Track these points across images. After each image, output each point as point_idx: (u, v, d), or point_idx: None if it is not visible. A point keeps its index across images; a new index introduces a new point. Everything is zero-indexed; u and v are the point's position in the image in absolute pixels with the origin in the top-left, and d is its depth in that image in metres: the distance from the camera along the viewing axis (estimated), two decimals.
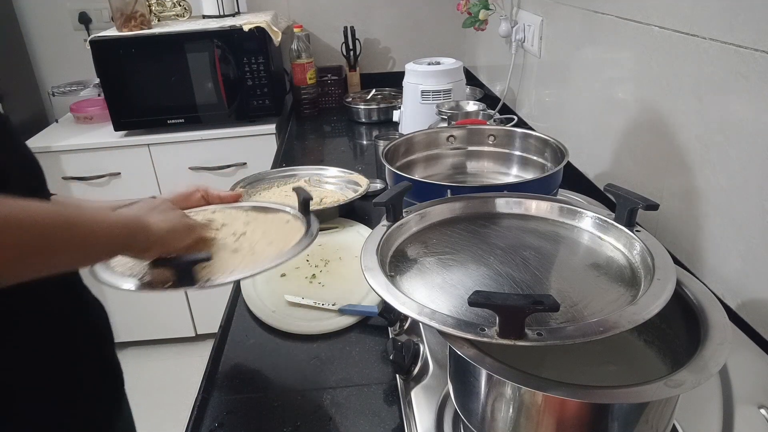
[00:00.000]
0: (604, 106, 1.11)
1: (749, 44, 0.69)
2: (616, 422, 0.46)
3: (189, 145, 1.96)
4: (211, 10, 2.01)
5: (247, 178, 1.34)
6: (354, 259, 1.04)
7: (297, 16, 2.27)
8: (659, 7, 0.89)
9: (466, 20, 1.66)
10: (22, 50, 2.24)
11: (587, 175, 1.20)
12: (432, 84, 1.44)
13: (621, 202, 0.62)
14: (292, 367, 0.80)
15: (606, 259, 0.61)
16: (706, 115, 0.79)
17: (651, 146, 0.94)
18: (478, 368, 0.46)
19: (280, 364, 0.82)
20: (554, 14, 1.34)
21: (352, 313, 0.89)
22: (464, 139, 1.09)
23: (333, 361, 0.81)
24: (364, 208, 1.26)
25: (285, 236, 0.77)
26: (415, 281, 0.57)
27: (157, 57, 1.85)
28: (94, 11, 2.23)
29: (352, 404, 0.73)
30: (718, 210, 0.78)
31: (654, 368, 0.57)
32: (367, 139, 1.85)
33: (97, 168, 1.96)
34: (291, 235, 0.77)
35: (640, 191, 0.62)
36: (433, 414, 0.63)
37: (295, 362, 0.81)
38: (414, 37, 2.35)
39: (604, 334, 0.45)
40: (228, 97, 1.92)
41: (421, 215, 0.69)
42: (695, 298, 0.53)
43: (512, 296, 0.45)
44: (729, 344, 0.46)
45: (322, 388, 0.76)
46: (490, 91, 1.94)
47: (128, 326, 2.22)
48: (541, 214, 0.70)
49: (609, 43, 1.07)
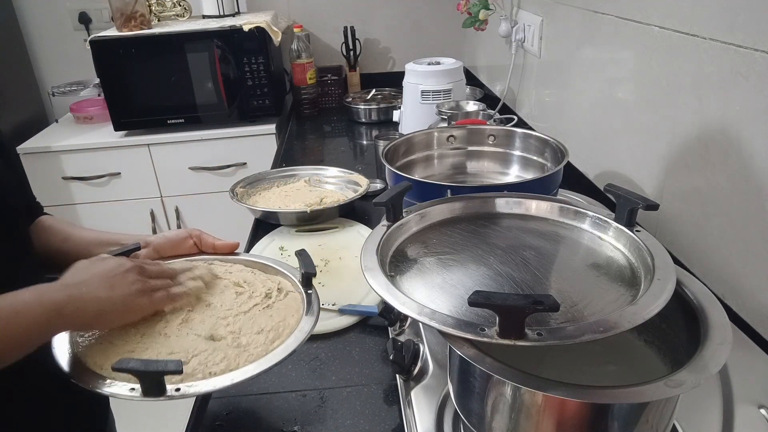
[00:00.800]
0: (604, 106, 1.11)
1: (749, 44, 0.69)
2: (616, 422, 0.46)
3: (189, 145, 1.96)
4: (211, 10, 2.01)
5: (247, 178, 1.34)
6: (354, 259, 1.04)
7: (297, 16, 2.27)
8: (659, 7, 0.89)
9: (466, 20, 1.66)
10: (22, 50, 2.24)
11: (587, 175, 1.20)
12: (432, 84, 1.44)
13: (621, 202, 0.62)
14: (292, 367, 0.80)
15: (606, 259, 0.61)
16: (706, 115, 0.79)
17: (651, 146, 0.94)
18: (478, 368, 0.46)
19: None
20: (554, 14, 1.34)
21: (352, 313, 0.89)
22: (464, 139, 1.09)
23: (333, 361, 0.81)
24: (364, 208, 1.26)
25: (279, 319, 0.66)
26: (415, 281, 0.57)
27: (157, 57, 1.85)
28: (94, 11, 2.23)
29: (352, 404, 0.73)
30: (718, 210, 0.78)
31: (654, 368, 0.57)
32: (367, 139, 1.85)
33: (97, 168, 1.96)
34: (286, 318, 0.66)
35: (640, 191, 0.62)
36: (433, 414, 0.63)
37: (295, 362, 0.81)
38: (414, 37, 2.35)
39: (604, 334, 0.45)
40: (228, 97, 1.92)
41: (421, 215, 0.69)
42: (695, 298, 0.53)
43: (512, 296, 0.45)
44: (729, 344, 0.46)
45: (322, 388, 0.76)
46: (490, 91, 1.94)
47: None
48: (541, 214, 0.70)
49: (609, 43, 1.07)
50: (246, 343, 0.62)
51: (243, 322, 0.64)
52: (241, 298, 0.69)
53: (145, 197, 2.03)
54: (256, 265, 0.78)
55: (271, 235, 1.17)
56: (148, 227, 2.05)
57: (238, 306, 0.67)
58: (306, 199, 1.22)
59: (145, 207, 2.04)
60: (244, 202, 1.23)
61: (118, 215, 2.04)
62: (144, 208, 2.04)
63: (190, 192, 2.03)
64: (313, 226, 1.18)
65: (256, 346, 0.61)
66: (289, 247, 1.11)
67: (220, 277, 0.74)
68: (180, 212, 2.06)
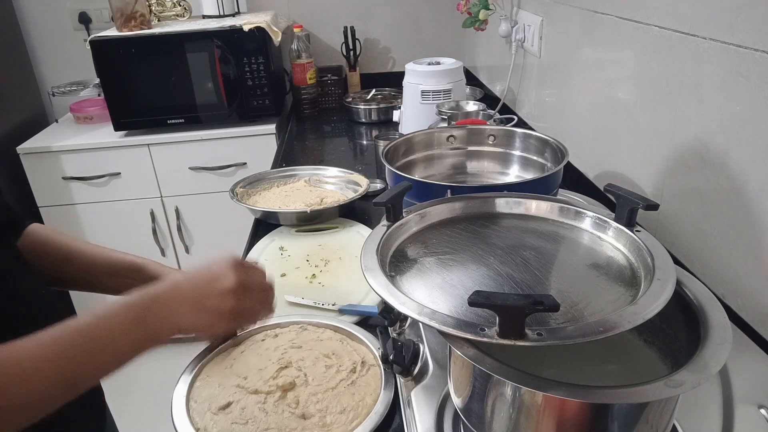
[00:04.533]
0: (604, 106, 1.11)
1: (749, 44, 0.69)
2: (616, 422, 0.46)
3: (189, 145, 1.96)
4: (211, 10, 2.01)
5: (247, 178, 1.34)
6: (354, 259, 1.04)
7: (297, 16, 2.27)
8: (659, 7, 0.89)
9: (466, 20, 1.66)
10: (22, 50, 2.24)
11: (587, 175, 1.20)
12: (432, 84, 1.44)
13: (621, 202, 0.62)
14: None
15: (606, 259, 0.61)
16: (706, 115, 0.79)
17: (651, 146, 0.94)
18: (478, 368, 0.46)
19: None
20: (554, 14, 1.34)
21: (352, 313, 0.89)
22: (464, 139, 1.09)
23: None
24: (364, 208, 1.26)
25: (359, 399, 0.69)
26: (415, 281, 0.57)
27: (157, 57, 1.85)
28: (94, 11, 2.23)
29: None
30: (718, 210, 0.78)
31: (654, 368, 0.57)
32: (367, 139, 1.85)
33: (97, 168, 1.96)
34: (365, 397, 0.69)
35: (640, 191, 0.62)
36: (433, 414, 0.63)
37: None
38: (414, 37, 2.35)
39: (604, 334, 0.45)
40: (228, 97, 1.92)
41: (421, 215, 0.69)
42: (695, 298, 0.53)
43: (512, 296, 0.45)
44: (729, 344, 0.46)
45: None
46: (490, 91, 1.94)
47: None
48: (541, 214, 0.70)
49: (609, 43, 1.07)
50: (330, 422, 0.66)
51: (329, 400, 0.69)
52: (330, 372, 0.74)
53: (145, 197, 2.03)
54: (343, 331, 0.82)
55: (271, 235, 1.17)
56: (148, 227, 2.06)
57: (326, 381, 0.72)
58: (306, 199, 1.22)
59: (145, 207, 2.04)
60: (244, 202, 1.23)
61: (118, 215, 2.04)
62: (144, 208, 2.04)
63: (190, 192, 2.03)
64: (313, 226, 1.18)
65: (339, 426, 0.66)
66: (289, 247, 1.11)
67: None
68: (180, 212, 2.06)
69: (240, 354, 0.78)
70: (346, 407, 0.68)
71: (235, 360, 0.77)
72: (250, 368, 0.75)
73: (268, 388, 0.71)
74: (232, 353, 0.79)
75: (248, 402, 0.69)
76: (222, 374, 0.74)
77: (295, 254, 1.09)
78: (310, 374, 0.73)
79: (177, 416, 0.68)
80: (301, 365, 0.75)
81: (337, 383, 0.72)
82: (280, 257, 1.08)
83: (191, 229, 2.11)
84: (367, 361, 0.76)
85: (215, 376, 0.74)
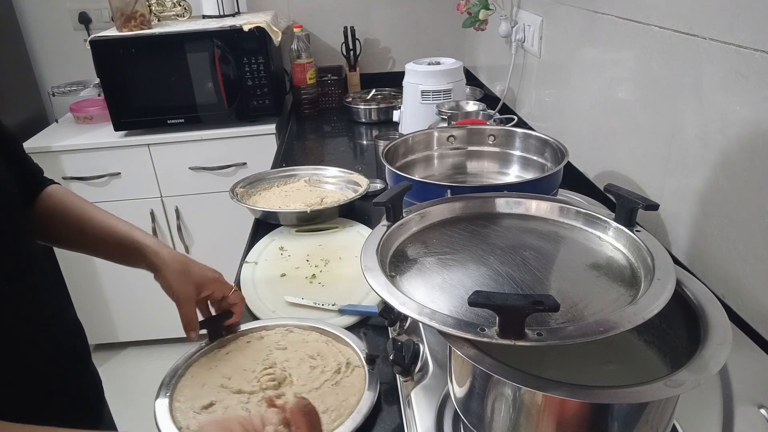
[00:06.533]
0: (604, 106, 1.11)
1: (749, 44, 0.69)
2: (616, 422, 0.45)
3: (189, 145, 1.96)
4: (211, 10, 2.01)
5: (247, 178, 1.34)
6: (354, 259, 1.04)
7: (297, 16, 2.27)
8: (659, 7, 0.89)
9: (466, 20, 1.66)
10: (22, 50, 2.24)
11: (587, 175, 1.20)
12: (432, 84, 1.44)
13: (621, 202, 0.62)
14: None
15: (606, 259, 0.61)
16: (706, 115, 0.79)
17: (651, 146, 0.94)
18: (478, 368, 0.46)
19: None
20: (554, 14, 1.34)
21: (352, 313, 0.89)
22: (464, 139, 1.09)
23: None
24: (364, 208, 1.26)
25: (342, 399, 0.69)
26: (415, 281, 0.57)
27: (157, 57, 1.85)
28: (94, 11, 2.23)
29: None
30: (718, 210, 0.78)
31: (654, 368, 0.57)
32: (367, 139, 1.85)
33: (97, 168, 1.96)
34: (348, 398, 0.70)
35: (640, 191, 0.62)
36: (433, 414, 0.63)
37: None
38: (414, 37, 2.35)
39: (604, 334, 0.45)
40: (228, 97, 1.92)
41: (421, 215, 0.69)
42: (695, 298, 0.53)
43: (512, 296, 0.45)
44: (729, 344, 0.46)
45: None
46: (490, 91, 1.94)
47: (128, 326, 2.21)
48: (541, 214, 0.70)
49: (609, 43, 1.07)
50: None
51: (313, 400, 0.68)
52: (315, 373, 0.74)
53: (145, 197, 2.03)
54: (329, 333, 0.83)
55: (271, 235, 1.17)
56: (148, 227, 2.05)
57: (311, 382, 0.72)
58: (306, 199, 1.22)
59: (145, 207, 2.04)
60: (244, 202, 1.23)
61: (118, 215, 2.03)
62: (144, 208, 2.04)
63: (190, 192, 2.03)
64: (313, 226, 1.18)
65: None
66: (289, 247, 1.11)
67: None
68: (180, 212, 2.06)
69: (225, 355, 0.79)
70: (329, 407, 0.68)
71: (220, 360, 0.77)
72: (234, 369, 0.75)
73: (252, 388, 0.71)
74: (217, 354, 0.79)
75: (231, 402, 0.69)
76: (207, 374, 0.75)
77: (295, 254, 1.09)
78: (294, 375, 0.74)
79: (160, 415, 0.68)
80: (286, 366, 0.75)
81: (321, 383, 0.72)
82: (280, 257, 1.08)
83: (191, 229, 2.11)
84: (352, 362, 0.77)
85: (200, 375, 0.75)
